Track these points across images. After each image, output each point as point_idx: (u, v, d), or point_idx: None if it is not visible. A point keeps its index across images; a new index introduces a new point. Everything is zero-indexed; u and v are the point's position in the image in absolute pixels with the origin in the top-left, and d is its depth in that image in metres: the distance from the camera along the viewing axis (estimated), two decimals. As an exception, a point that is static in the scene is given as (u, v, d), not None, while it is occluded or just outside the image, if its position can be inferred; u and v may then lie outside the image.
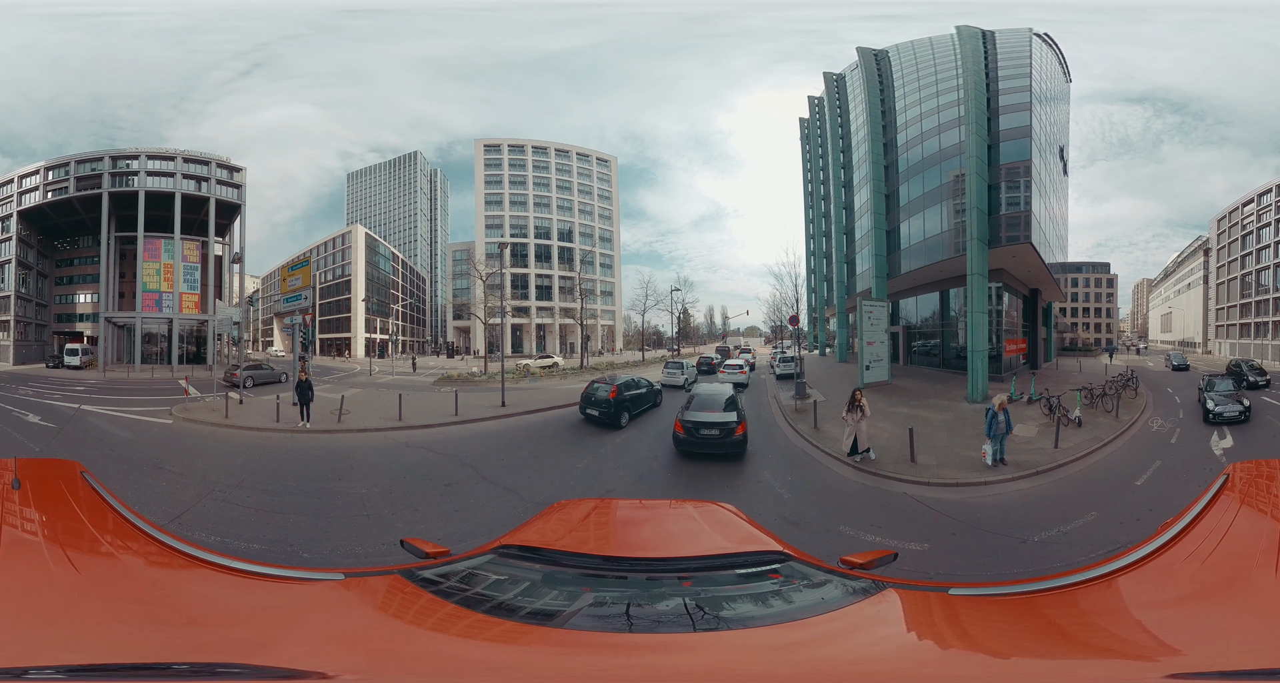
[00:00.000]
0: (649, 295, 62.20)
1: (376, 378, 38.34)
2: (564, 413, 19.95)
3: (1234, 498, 2.63)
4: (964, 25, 29.01)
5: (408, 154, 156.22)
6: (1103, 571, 2.26)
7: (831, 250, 54.44)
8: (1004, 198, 27.53)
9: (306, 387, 17.67)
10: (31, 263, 55.42)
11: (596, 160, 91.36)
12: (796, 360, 28.62)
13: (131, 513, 2.71)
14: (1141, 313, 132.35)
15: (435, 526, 9.27)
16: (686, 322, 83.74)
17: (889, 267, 36.12)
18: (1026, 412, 19.57)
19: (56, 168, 51.71)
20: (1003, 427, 12.94)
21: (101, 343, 48.00)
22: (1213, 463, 13.61)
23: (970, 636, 2.04)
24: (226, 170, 53.31)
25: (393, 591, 2.37)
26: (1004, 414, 12.95)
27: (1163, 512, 6.27)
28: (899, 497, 11.02)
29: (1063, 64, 40.74)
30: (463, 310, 79.51)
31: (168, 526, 6.24)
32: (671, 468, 12.96)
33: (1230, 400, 19.25)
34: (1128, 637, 1.91)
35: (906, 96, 35.80)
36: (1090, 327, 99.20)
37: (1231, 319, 67.77)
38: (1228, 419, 18.30)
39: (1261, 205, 62.24)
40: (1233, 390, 20.91)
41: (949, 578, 6.61)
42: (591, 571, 2.62)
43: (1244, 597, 1.89)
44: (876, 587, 2.36)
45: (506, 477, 11.93)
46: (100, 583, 2.09)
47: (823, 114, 58.83)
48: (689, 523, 3.51)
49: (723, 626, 2.16)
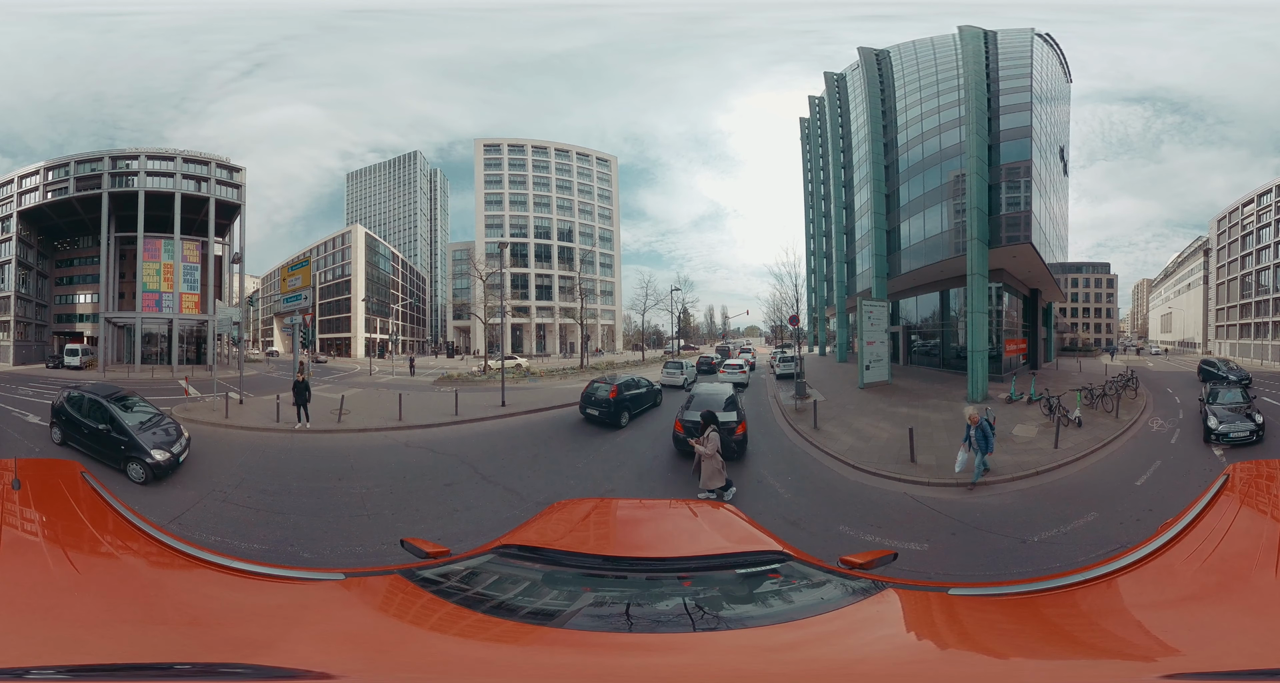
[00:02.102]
0: (649, 295, 62.23)
1: (377, 378, 38.35)
2: (564, 413, 19.94)
3: (1234, 498, 2.63)
4: (966, 25, 29.03)
5: (408, 154, 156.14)
6: (1103, 571, 2.26)
7: (831, 250, 54.40)
8: (1004, 198, 27.52)
9: (303, 387, 17.67)
10: (31, 263, 55.41)
11: (596, 160, 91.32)
12: (797, 360, 28.62)
13: (131, 513, 2.71)
14: (1141, 313, 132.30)
15: (435, 525, 9.28)
16: (686, 321, 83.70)
17: (889, 267, 36.11)
18: (1026, 412, 19.58)
19: (56, 168, 51.70)
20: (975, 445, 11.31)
21: (101, 343, 47.98)
22: (1213, 463, 13.61)
23: (969, 636, 2.04)
24: (226, 170, 53.27)
25: (393, 590, 2.37)
26: (980, 428, 11.31)
27: (1163, 512, 6.27)
28: (899, 497, 11.02)
29: (1063, 64, 40.73)
30: (463, 310, 79.49)
31: (168, 526, 6.24)
32: (672, 468, 12.96)
33: (1238, 416, 15.36)
34: (1127, 637, 1.91)
35: (907, 96, 35.79)
36: (1090, 327, 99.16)
37: (1231, 320, 67.73)
38: (1235, 440, 14.64)
39: (1261, 205, 62.19)
40: (1241, 402, 16.63)
41: (948, 578, 6.61)
42: (591, 570, 2.63)
43: (1243, 597, 1.89)
44: (876, 587, 2.37)
45: (506, 476, 11.94)
46: (101, 583, 2.09)
47: (823, 114, 58.81)
48: (689, 523, 3.52)
49: (722, 625, 2.17)
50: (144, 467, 11.26)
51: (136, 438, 11.59)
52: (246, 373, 30.52)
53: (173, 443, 12.10)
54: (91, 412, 12.55)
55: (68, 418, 13.05)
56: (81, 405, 12.86)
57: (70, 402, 13.22)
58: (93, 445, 12.19)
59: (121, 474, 11.37)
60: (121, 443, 11.62)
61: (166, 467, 11.50)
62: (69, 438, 13.01)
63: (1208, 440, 15.03)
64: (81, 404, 12.89)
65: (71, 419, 12.92)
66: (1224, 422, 15.08)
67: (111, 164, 50.49)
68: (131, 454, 11.41)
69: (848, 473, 12.80)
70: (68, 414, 13.04)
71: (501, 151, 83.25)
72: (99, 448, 12.02)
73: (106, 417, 12.09)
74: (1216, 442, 14.78)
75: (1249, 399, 17.18)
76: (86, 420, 12.47)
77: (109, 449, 11.81)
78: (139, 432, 11.86)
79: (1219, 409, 15.80)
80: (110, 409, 12.26)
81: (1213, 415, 15.39)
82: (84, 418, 12.57)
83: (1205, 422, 15.49)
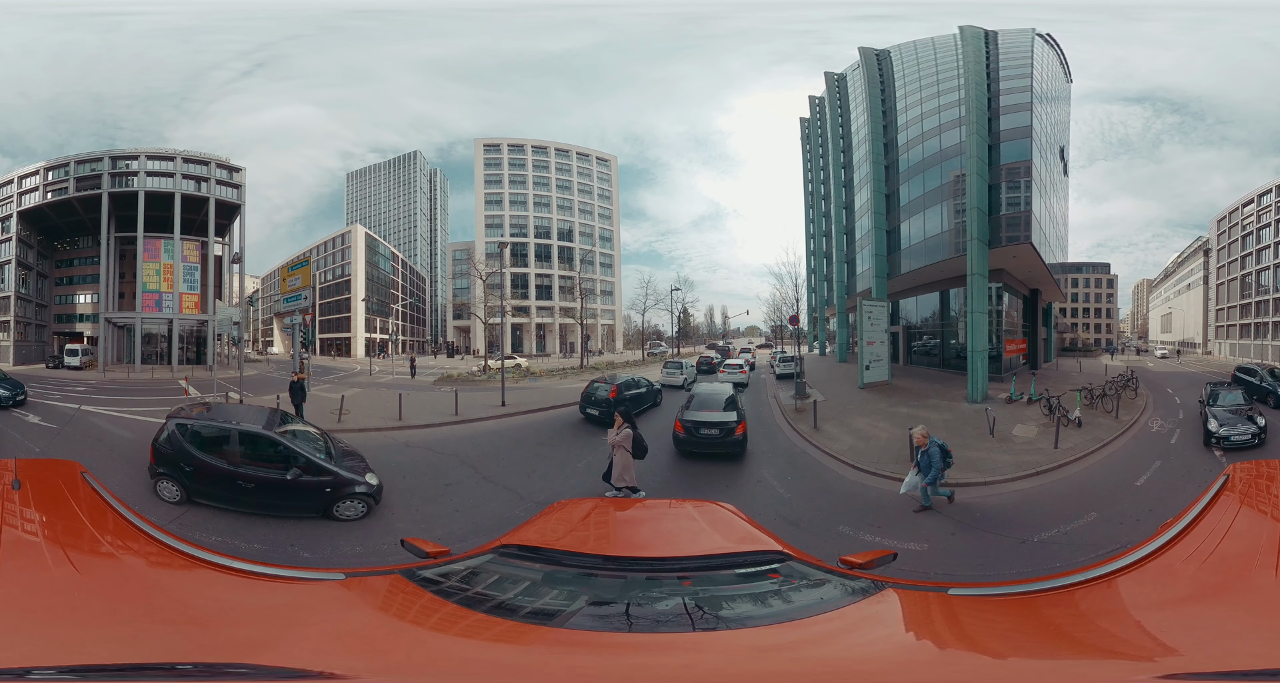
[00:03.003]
0: (649, 295, 62.19)
1: (377, 378, 38.35)
2: (564, 412, 19.94)
3: (1234, 499, 2.63)
4: (967, 25, 29.03)
5: (408, 154, 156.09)
6: (1102, 571, 2.26)
7: (831, 250, 54.39)
8: (1004, 198, 27.53)
9: (299, 388, 17.67)
10: (31, 263, 55.39)
11: (596, 160, 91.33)
12: (797, 360, 28.64)
13: (132, 513, 2.71)
14: (1141, 313, 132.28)
15: (435, 525, 9.28)
16: (686, 321, 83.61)
17: (889, 266, 36.11)
18: (1026, 412, 19.57)
19: (56, 168, 51.71)
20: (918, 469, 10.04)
21: (101, 343, 47.98)
22: (1213, 463, 13.60)
23: (968, 636, 2.05)
24: (226, 170, 53.28)
25: (393, 590, 2.38)
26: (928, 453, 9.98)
27: (1163, 512, 6.28)
28: (899, 497, 11.02)
29: (1064, 64, 40.74)
30: (463, 310, 79.47)
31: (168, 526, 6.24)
32: (671, 468, 12.97)
33: (1239, 418, 14.81)
34: (1126, 637, 1.91)
35: (908, 96, 35.79)
36: (1090, 327, 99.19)
37: (1231, 320, 67.72)
38: (1236, 444, 14.12)
39: (1261, 206, 62.18)
40: (1243, 404, 16.05)
41: (948, 578, 6.61)
42: (591, 570, 2.63)
43: (1243, 597, 1.89)
44: (875, 587, 2.37)
45: (506, 476, 11.94)
46: (101, 583, 2.09)
47: (823, 114, 58.81)
48: (688, 523, 3.52)
49: (722, 625, 2.17)
50: (361, 499, 9.22)
51: (339, 470, 9.29)
52: (246, 373, 30.52)
53: (357, 455, 10.17)
54: (257, 452, 9.24)
55: (196, 467, 9.11)
56: (221, 443, 9.30)
57: (192, 438, 9.24)
58: (276, 500, 9.13)
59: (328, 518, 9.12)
60: (326, 485, 9.01)
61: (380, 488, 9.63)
62: (199, 493, 9.16)
63: (1208, 444, 14.57)
64: (219, 442, 9.33)
65: (204, 469, 9.08)
66: (1225, 424, 14.56)
67: (111, 164, 50.50)
68: (343, 491, 9.10)
69: (847, 473, 12.80)
70: (194, 460, 9.04)
71: (501, 151, 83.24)
72: (290, 502, 9.12)
73: (284, 454, 9.12)
74: (1217, 445, 14.32)
75: (1250, 401, 16.51)
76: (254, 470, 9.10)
77: (303, 499, 9.10)
78: (335, 462, 9.55)
79: (1219, 411, 15.24)
80: (284, 443, 9.30)
81: (1213, 418, 14.86)
82: (241, 467, 9.13)
83: (1205, 424, 14.97)
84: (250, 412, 11.67)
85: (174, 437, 9.30)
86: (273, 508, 9.21)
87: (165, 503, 9.23)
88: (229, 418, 10.13)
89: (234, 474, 9.12)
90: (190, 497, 9.19)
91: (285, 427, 9.98)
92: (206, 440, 9.36)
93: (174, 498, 9.21)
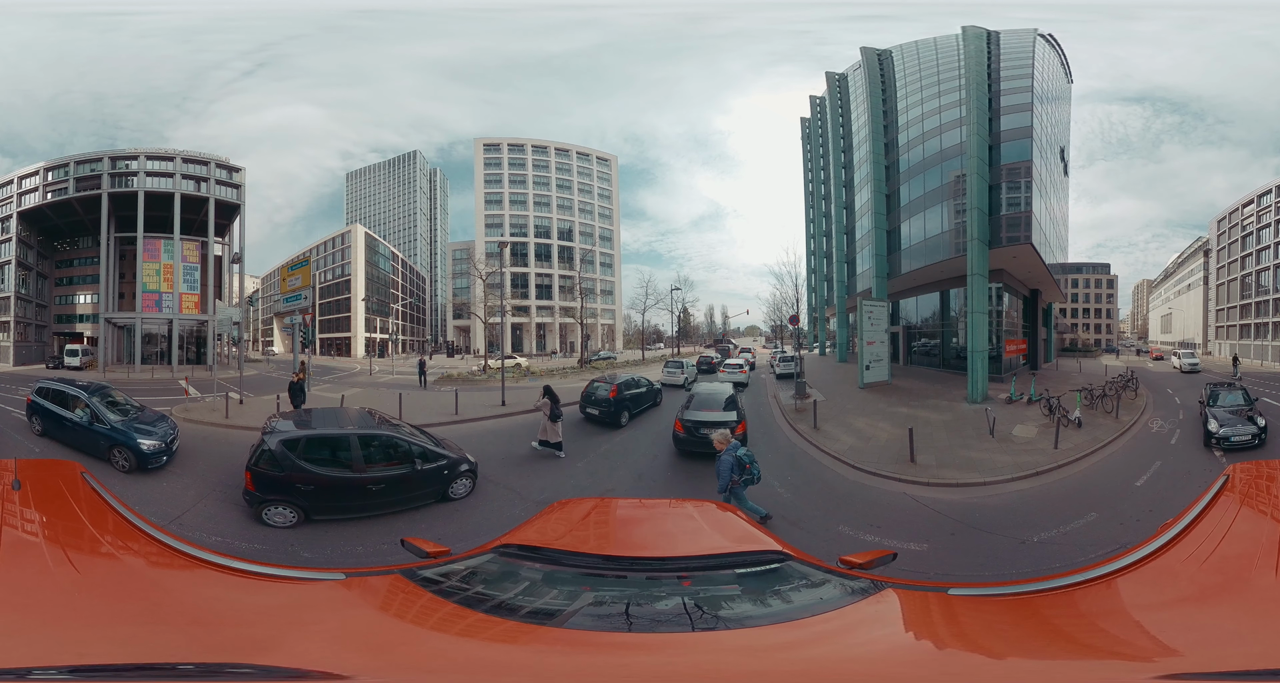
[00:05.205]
0: (649, 295, 62.23)
1: (377, 378, 38.36)
2: (564, 412, 19.91)
3: (1234, 499, 2.63)
4: (970, 26, 29.03)
5: (408, 153, 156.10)
6: (1102, 571, 2.26)
7: (832, 250, 54.42)
8: (1004, 198, 27.53)
9: (298, 389, 17.66)
10: (31, 264, 55.40)
11: (596, 160, 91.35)
12: (797, 360, 28.65)
13: (132, 513, 2.71)
14: (1141, 314, 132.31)
15: (435, 525, 9.28)
16: (686, 321, 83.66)
17: (889, 266, 36.12)
18: (1026, 412, 19.58)
19: (56, 168, 51.71)
20: (726, 479, 8.03)
21: (101, 343, 48.00)
22: (1213, 464, 13.60)
23: (968, 636, 2.05)
24: (226, 170, 53.27)
25: (394, 590, 2.38)
26: (731, 459, 8.13)
27: (1162, 513, 6.28)
28: (898, 497, 11.02)
29: (1064, 64, 40.75)
30: (463, 310, 79.53)
31: (168, 526, 6.25)
32: (671, 467, 12.96)
33: (1239, 419, 14.86)
34: (1126, 638, 1.91)
35: (908, 97, 35.79)
36: (1090, 327, 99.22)
37: (1232, 320, 67.72)
38: (1236, 445, 14.17)
39: (1261, 206, 62.17)
40: (1242, 405, 16.06)
41: (948, 578, 6.61)
42: (591, 570, 2.63)
43: (1243, 598, 1.89)
44: (875, 587, 2.37)
45: (506, 476, 11.94)
46: (102, 584, 2.09)
47: (824, 114, 58.84)
48: (688, 523, 3.52)
49: (722, 625, 2.17)
50: (468, 476, 10.38)
51: (448, 452, 10.39)
52: (246, 373, 30.52)
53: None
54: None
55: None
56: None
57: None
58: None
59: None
60: (443, 469, 10.07)
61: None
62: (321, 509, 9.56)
63: (1208, 445, 14.59)
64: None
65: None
66: (1225, 425, 14.56)
67: (111, 164, 50.50)
68: (456, 470, 10.22)
69: (847, 473, 12.80)
70: (312, 477, 9.41)
71: (501, 151, 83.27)
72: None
73: (404, 449, 10.07)
74: (1217, 446, 14.33)
75: (1251, 401, 16.60)
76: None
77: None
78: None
79: (1219, 412, 15.25)
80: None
81: (1213, 418, 14.88)
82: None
83: (1205, 425, 15.03)
84: (334, 415, 12.03)
85: (282, 456, 8.86)
86: (400, 504, 9.41)
87: (279, 529, 8.69)
88: (338, 424, 10.31)
89: (362, 480, 9.20)
90: (309, 516, 8.85)
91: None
92: (322, 453, 9.30)
93: (289, 522, 8.77)
